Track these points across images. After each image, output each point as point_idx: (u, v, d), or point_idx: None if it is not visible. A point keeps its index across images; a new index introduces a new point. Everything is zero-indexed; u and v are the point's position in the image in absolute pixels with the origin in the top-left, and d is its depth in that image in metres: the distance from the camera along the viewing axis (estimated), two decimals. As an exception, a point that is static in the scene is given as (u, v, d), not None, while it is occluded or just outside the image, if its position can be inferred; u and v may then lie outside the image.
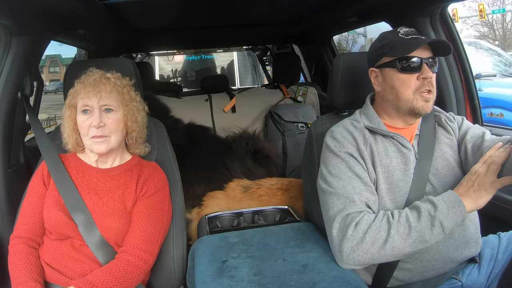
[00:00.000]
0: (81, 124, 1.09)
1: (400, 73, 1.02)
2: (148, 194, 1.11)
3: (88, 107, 1.08)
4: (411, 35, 1.03)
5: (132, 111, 1.13)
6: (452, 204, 0.91)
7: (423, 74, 1.00)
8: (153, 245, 1.07)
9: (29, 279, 1.00)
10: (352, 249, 0.91)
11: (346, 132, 1.07)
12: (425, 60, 1.01)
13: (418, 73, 1.01)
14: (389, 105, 1.07)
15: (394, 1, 1.55)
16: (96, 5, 1.50)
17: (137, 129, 1.15)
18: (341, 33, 2.84)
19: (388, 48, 1.04)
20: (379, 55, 1.07)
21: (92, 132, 1.07)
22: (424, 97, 1.01)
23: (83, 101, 1.08)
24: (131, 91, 1.15)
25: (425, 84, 1.01)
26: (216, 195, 1.68)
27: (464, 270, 1.08)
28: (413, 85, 1.01)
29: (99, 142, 1.07)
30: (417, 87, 1.01)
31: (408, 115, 1.05)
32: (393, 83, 1.04)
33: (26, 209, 1.10)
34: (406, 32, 1.04)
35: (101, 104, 1.07)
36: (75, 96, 1.10)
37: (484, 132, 1.06)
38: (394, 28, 1.08)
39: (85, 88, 1.08)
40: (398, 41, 1.03)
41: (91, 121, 1.07)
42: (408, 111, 1.04)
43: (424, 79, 1.00)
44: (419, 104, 1.02)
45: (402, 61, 1.01)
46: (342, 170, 1.01)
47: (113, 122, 1.09)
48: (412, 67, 1.01)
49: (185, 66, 5.49)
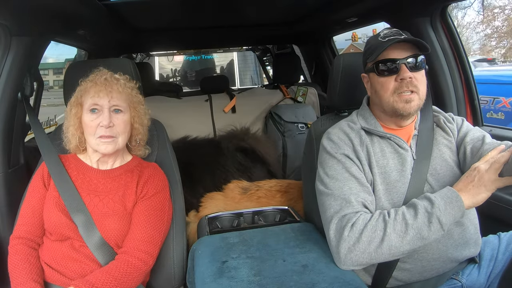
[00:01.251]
0: (88, 123, 1.08)
1: (379, 76, 1.03)
2: (148, 195, 1.11)
3: (98, 106, 1.07)
4: (388, 37, 1.02)
5: (139, 113, 1.14)
6: (450, 199, 0.91)
7: (400, 75, 1.00)
8: (153, 246, 1.07)
9: (28, 279, 1.00)
10: (349, 249, 0.91)
11: (342, 134, 1.08)
12: (401, 61, 1.01)
13: (396, 75, 1.01)
14: (378, 108, 1.09)
15: (394, 1, 1.56)
16: (96, 5, 1.50)
17: (142, 131, 1.16)
18: (341, 33, 2.83)
19: (368, 53, 1.06)
20: (364, 60, 1.10)
21: (100, 132, 1.07)
22: (404, 98, 1.01)
23: (93, 100, 1.07)
24: (138, 94, 1.16)
25: (403, 85, 1.00)
26: (214, 196, 1.67)
27: (464, 270, 1.07)
28: (391, 87, 1.02)
29: (106, 143, 1.07)
30: (395, 89, 1.01)
31: (395, 117, 1.06)
32: (376, 87, 1.06)
33: (26, 210, 1.10)
34: (385, 34, 1.04)
35: (111, 104, 1.07)
36: (83, 94, 1.09)
37: (484, 135, 1.06)
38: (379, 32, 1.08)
39: (96, 87, 1.08)
40: (376, 45, 1.04)
41: (100, 120, 1.06)
42: (392, 112, 1.04)
43: (402, 80, 1.00)
44: (399, 105, 1.01)
45: (379, 65, 1.02)
46: (338, 171, 1.02)
47: (121, 123, 1.09)
48: (389, 70, 1.01)
49: (185, 66, 5.49)
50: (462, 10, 11.92)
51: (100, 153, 1.11)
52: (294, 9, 2.05)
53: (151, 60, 4.59)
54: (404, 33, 1.03)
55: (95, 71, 1.12)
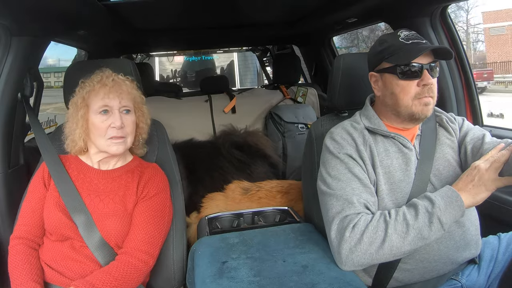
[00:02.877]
0: (98, 125, 1.07)
1: (400, 79, 1.01)
2: (149, 196, 1.11)
3: (108, 107, 1.07)
4: (412, 40, 1.01)
5: (144, 113, 1.16)
6: (450, 199, 0.91)
7: (424, 81, 0.99)
8: (154, 246, 1.07)
9: (29, 280, 1.00)
10: (350, 250, 0.91)
11: (345, 134, 1.07)
12: (425, 66, 0.99)
13: (418, 79, 0.99)
14: (389, 110, 1.07)
15: (394, 1, 1.55)
16: (96, 5, 1.50)
17: (146, 131, 1.18)
18: (341, 33, 2.83)
19: (387, 53, 1.03)
20: (379, 59, 1.06)
21: (111, 133, 1.07)
22: (423, 101, 1.00)
23: (104, 101, 1.07)
24: (141, 94, 1.18)
25: (425, 91, 0.99)
26: (215, 196, 1.67)
27: (463, 271, 1.07)
28: (412, 91, 1.00)
29: (118, 143, 1.08)
30: (417, 94, 1.00)
31: (408, 120, 1.05)
32: (393, 89, 1.02)
33: (26, 210, 1.10)
34: (406, 36, 1.02)
35: (122, 105, 1.08)
36: (91, 96, 1.08)
37: (484, 134, 1.06)
38: (394, 31, 1.06)
39: (106, 88, 1.08)
40: (398, 47, 1.01)
41: (110, 121, 1.06)
42: (408, 116, 1.03)
43: (425, 85, 0.99)
44: (418, 108, 1.00)
45: (402, 68, 1.00)
46: (341, 171, 1.01)
47: (131, 124, 1.10)
48: (412, 74, 0.99)
49: (185, 67, 5.50)
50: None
51: (109, 154, 1.10)
52: (294, 9, 2.05)
53: (151, 60, 4.59)
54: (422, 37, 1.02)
55: (98, 72, 1.12)
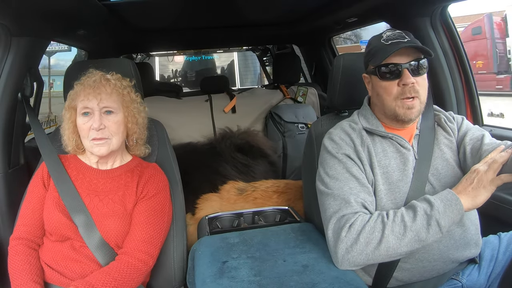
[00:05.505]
0: (81, 127, 1.08)
1: (381, 80, 1.03)
2: (148, 196, 1.11)
3: (88, 109, 1.07)
4: (392, 40, 1.01)
5: (133, 112, 1.13)
6: (449, 202, 0.91)
7: (403, 81, 1.00)
8: (153, 246, 1.07)
9: (29, 280, 1.00)
10: (346, 250, 0.91)
11: (343, 134, 1.07)
12: (404, 66, 1.00)
13: (398, 79, 1.00)
14: (378, 110, 1.09)
15: (394, 1, 1.55)
16: (96, 5, 1.50)
17: (137, 130, 1.15)
18: (341, 33, 2.83)
19: (370, 55, 1.05)
20: (366, 61, 1.09)
21: (92, 135, 1.06)
22: (406, 105, 1.00)
23: (83, 103, 1.07)
24: (131, 93, 1.15)
25: (406, 91, 1.00)
26: (210, 197, 1.66)
27: (464, 270, 1.07)
28: (394, 92, 1.01)
29: (99, 145, 1.07)
30: (398, 94, 1.01)
31: (395, 122, 1.06)
32: (378, 90, 1.05)
33: (26, 210, 1.10)
34: (388, 36, 1.02)
35: (101, 106, 1.07)
36: (74, 98, 1.10)
37: (484, 135, 1.06)
38: (381, 32, 1.07)
39: (85, 90, 1.08)
40: (378, 48, 1.03)
41: (91, 123, 1.06)
42: (393, 117, 1.04)
43: (404, 85, 1.00)
44: (401, 111, 1.01)
45: (381, 69, 1.01)
46: (339, 171, 1.01)
47: (113, 124, 1.08)
48: (392, 74, 1.01)
49: (185, 67, 5.50)
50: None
51: (95, 155, 1.11)
52: (294, 9, 2.05)
53: (151, 60, 4.59)
54: (407, 36, 1.02)
55: (86, 73, 1.12)
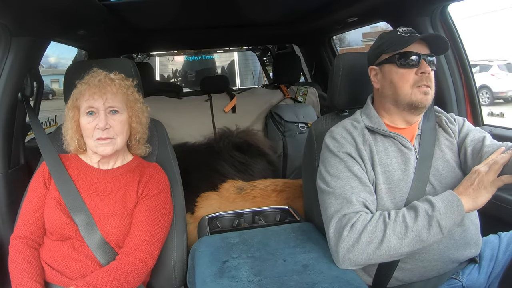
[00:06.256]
0: (85, 126, 1.08)
1: (399, 68, 1.04)
2: (149, 196, 1.11)
3: (93, 109, 1.07)
4: (409, 33, 1.04)
5: (137, 112, 1.13)
6: (451, 203, 0.91)
7: (421, 69, 1.02)
8: (154, 246, 1.07)
9: (29, 279, 1.00)
10: (347, 249, 0.91)
11: (345, 132, 1.07)
12: (423, 56, 1.03)
13: (417, 68, 1.02)
14: (388, 101, 1.08)
15: (394, 1, 1.56)
16: (96, 5, 1.50)
17: (141, 130, 1.16)
18: (341, 33, 2.83)
19: (386, 45, 1.06)
20: (379, 53, 1.09)
21: (97, 134, 1.06)
22: (423, 90, 1.02)
23: (88, 102, 1.07)
24: (135, 92, 1.15)
25: (423, 79, 1.02)
26: (209, 196, 1.66)
27: (464, 270, 1.07)
28: (411, 79, 1.02)
29: (104, 144, 1.07)
30: (415, 81, 1.02)
31: (408, 110, 1.06)
32: (392, 77, 1.05)
33: (27, 210, 1.10)
34: (404, 30, 1.06)
35: (106, 105, 1.07)
36: (79, 98, 1.09)
37: (485, 137, 1.06)
38: (393, 29, 1.10)
39: (90, 89, 1.07)
40: (396, 38, 1.05)
41: (96, 123, 1.06)
42: (407, 105, 1.04)
43: (423, 73, 1.02)
44: (417, 97, 1.02)
45: (401, 56, 1.03)
46: (340, 170, 1.01)
47: (118, 124, 1.08)
48: (411, 62, 1.02)
49: (185, 67, 5.50)
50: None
51: (99, 155, 1.11)
52: (294, 9, 2.05)
53: (152, 60, 4.59)
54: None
55: (89, 73, 1.12)
